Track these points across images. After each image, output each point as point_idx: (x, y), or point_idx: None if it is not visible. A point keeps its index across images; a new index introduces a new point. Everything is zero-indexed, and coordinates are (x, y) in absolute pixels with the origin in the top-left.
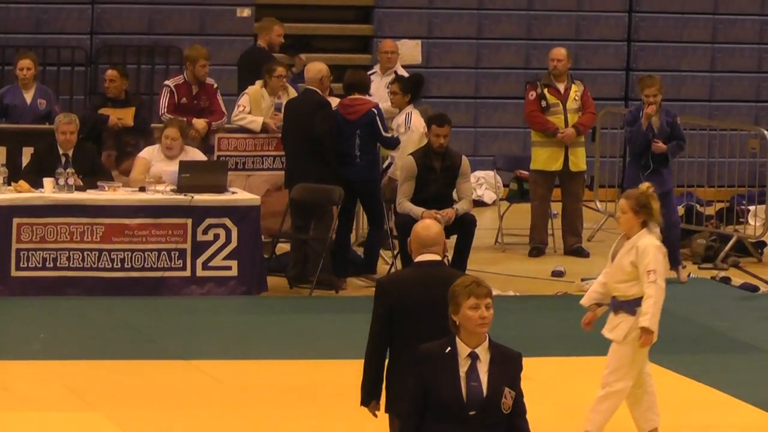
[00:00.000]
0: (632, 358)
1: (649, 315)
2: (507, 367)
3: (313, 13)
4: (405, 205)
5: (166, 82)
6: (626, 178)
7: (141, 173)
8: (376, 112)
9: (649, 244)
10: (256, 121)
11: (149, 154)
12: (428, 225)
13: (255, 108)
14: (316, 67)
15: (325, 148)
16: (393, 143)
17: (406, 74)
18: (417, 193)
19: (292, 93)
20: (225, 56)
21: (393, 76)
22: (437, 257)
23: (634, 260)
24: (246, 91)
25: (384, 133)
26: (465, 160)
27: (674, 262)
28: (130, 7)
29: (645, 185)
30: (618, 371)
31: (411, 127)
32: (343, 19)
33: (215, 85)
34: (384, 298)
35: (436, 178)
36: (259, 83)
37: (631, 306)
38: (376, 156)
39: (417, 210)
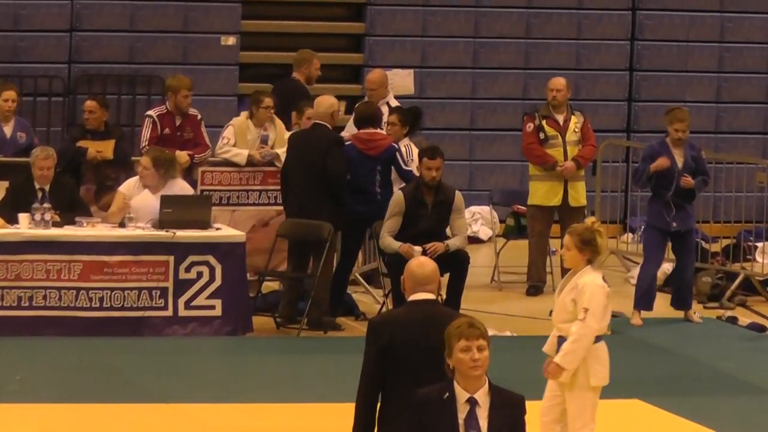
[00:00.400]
0: (592, 400)
1: (565, 352)
2: (509, 411)
3: (302, 42)
4: (386, 239)
5: (149, 113)
6: (649, 215)
7: (119, 208)
8: (396, 147)
9: (589, 282)
10: (241, 154)
11: (128, 187)
12: (423, 262)
13: (240, 140)
14: (327, 101)
15: (340, 189)
16: (412, 177)
17: (397, 104)
18: (407, 228)
19: (279, 125)
20: (209, 86)
21: (385, 107)
22: (432, 296)
23: (575, 298)
24: (231, 122)
25: (405, 167)
26: (458, 195)
27: (685, 304)
28: (111, 35)
29: (590, 220)
30: (581, 417)
31: (413, 159)
32: (333, 47)
33: (199, 116)
34: (376, 339)
35: (428, 214)
36: (244, 114)
37: None
38: (392, 192)
39: (395, 244)
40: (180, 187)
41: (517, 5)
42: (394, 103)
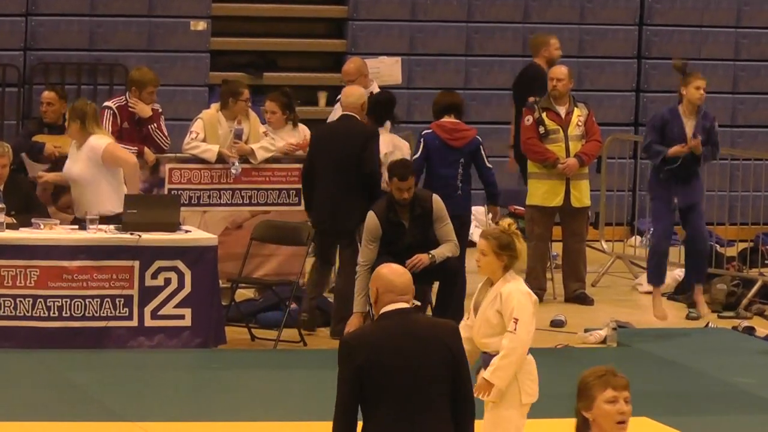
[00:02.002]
0: (520, 420)
1: (495, 367)
2: None
3: (279, 27)
4: (360, 280)
5: (108, 104)
6: (654, 187)
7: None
8: (480, 140)
9: (513, 289)
10: (210, 150)
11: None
12: (397, 269)
13: (210, 135)
14: (356, 92)
15: (375, 184)
16: (492, 178)
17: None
18: (388, 246)
19: (254, 118)
20: (178, 75)
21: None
22: (407, 305)
23: (499, 308)
24: (200, 115)
25: (488, 164)
26: (437, 200)
27: (697, 274)
28: (70, 20)
29: (506, 222)
30: None
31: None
32: (313, 33)
33: (160, 110)
34: (350, 358)
35: (407, 231)
36: (214, 107)
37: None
38: (470, 187)
39: (359, 302)
40: (90, 146)
41: None
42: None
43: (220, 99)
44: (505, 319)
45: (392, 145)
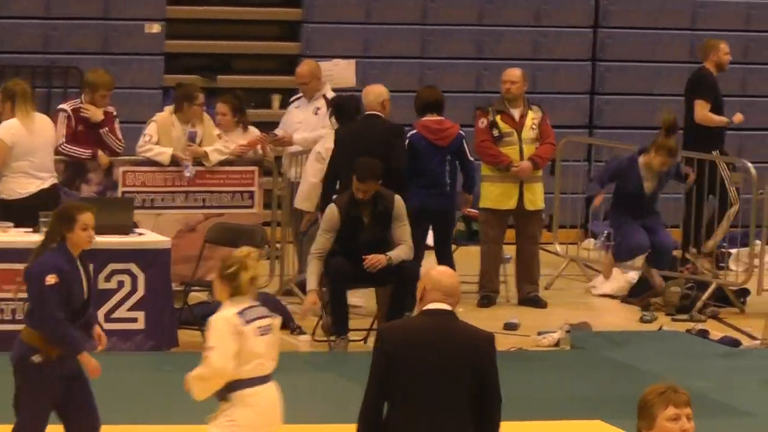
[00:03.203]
0: None
1: (194, 376)
2: None
3: (233, 30)
4: (312, 265)
5: (63, 106)
6: (611, 220)
7: None
8: (463, 134)
9: (217, 317)
10: (164, 153)
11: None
12: (446, 272)
13: (164, 138)
14: (376, 90)
15: (402, 182)
16: (474, 172)
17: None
18: (347, 242)
19: (207, 120)
20: (132, 77)
21: (321, 99)
22: (450, 308)
23: None
24: (154, 118)
25: (470, 157)
26: (399, 200)
27: (659, 263)
28: (24, 22)
29: (245, 250)
30: None
31: None
32: (267, 36)
33: (114, 113)
34: (383, 347)
35: (366, 228)
36: (168, 110)
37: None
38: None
39: (312, 281)
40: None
41: None
42: (331, 94)
43: (174, 102)
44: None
45: None
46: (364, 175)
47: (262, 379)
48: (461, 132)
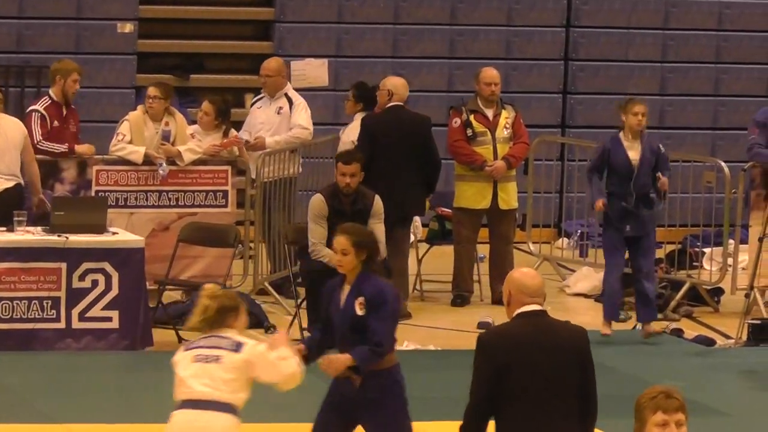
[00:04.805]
0: None
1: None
2: None
3: (205, 29)
4: (322, 251)
5: (34, 107)
6: (604, 216)
7: None
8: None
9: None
10: (137, 152)
11: None
12: (530, 273)
13: (137, 137)
14: (400, 82)
15: (436, 174)
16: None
17: (297, 97)
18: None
19: (180, 119)
20: (105, 77)
21: (283, 98)
22: (540, 308)
23: None
24: (126, 117)
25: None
26: (378, 200)
27: (649, 316)
28: None
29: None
30: None
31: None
32: (240, 35)
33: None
34: (489, 355)
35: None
36: (141, 108)
37: None
38: None
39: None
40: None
41: None
42: (293, 94)
43: (144, 100)
44: None
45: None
46: (349, 158)
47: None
48: None
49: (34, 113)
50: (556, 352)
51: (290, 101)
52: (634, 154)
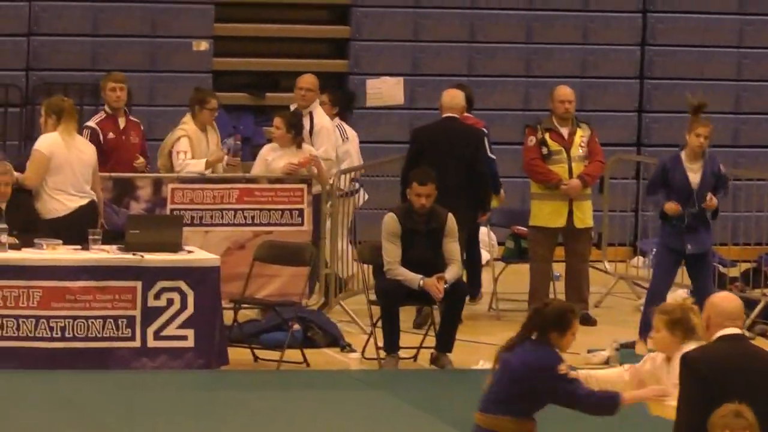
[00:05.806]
0: None
1: None
2: None
3: (281, 47)
4: (397, 270)
5: (87, 123)
6: (661, 234)
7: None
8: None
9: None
10: (198, 164)
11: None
12: (728, 296)
13: (196, 151)
14: (456, 93)
15: (487, 187)
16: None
17: (321, 119)
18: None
19: (215, 130)
20: (180, 95)
21: (308, 117)
22: (740, 331)
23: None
24: (182, 133)
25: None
26: (451, 218)
27: None
28: (72, 40)
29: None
30: None
31: (348, 137)
32: (315, 53)
33: (141, 126)
34: (694, 374)
35: (420, 242)
36: (190, 119)
37: None
38: None
39: (413, 277)
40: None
41: (517, 7)
42: (318, 114)
43: (189, 106)
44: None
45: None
46: (424, 178)
47: None
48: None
49: (85, 130)
50: (756, 376)
51: (311, 121)
52: (693, 175)
